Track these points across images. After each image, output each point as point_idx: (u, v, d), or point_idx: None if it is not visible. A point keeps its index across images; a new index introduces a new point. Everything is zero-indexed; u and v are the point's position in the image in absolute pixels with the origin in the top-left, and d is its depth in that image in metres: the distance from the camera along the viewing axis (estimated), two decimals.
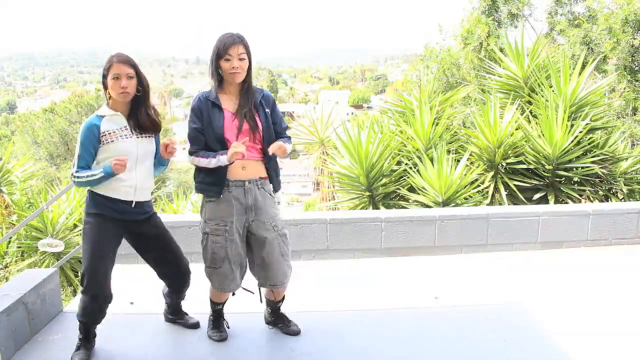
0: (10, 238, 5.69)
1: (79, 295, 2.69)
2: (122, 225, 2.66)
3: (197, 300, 3.32)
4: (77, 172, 2.55)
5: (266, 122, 2.66)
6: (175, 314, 3.08)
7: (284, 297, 2.93)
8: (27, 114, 30.69)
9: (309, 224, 4.25)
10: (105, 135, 2.57)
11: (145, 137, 2.67)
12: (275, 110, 2.75)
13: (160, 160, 2.76)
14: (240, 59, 2.56)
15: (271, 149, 2.59)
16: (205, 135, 2.60)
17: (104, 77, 2.57)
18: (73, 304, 3.54)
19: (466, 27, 12.01)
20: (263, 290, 2.89)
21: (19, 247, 5.83)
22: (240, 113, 2.60)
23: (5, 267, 5.76)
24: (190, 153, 2.64)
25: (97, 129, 2.56)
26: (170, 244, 2.81)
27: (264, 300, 2.94)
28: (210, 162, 2.57)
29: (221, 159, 2.55)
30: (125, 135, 2.60)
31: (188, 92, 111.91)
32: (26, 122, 28.27)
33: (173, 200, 6.56)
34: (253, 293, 2.88)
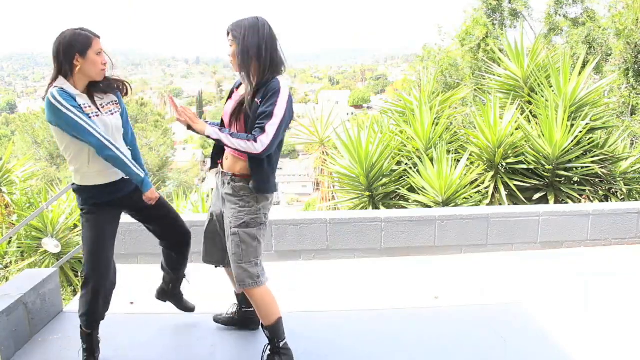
0: (10, 238, 5.69)
1: (79, 295, 2.67)
2: (117, 203, 2.62)
3: (199, 300, 3.34)
4: (116, 147, 2.42)
5: (253, 116, 2.43)
6: (173, 292, 3.04)
7: (273, 327, 2.58)
8: (27, 114, 30.71)
9: (309, 224, 4.25)
10: (84, 107, 2.43)
11: (110, 113, 2.54)
12: (266, 101, 2.39)
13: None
14: (230, 46, 2.45)
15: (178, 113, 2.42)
16: None
17: (80, 53, 2.38)
18: (73, 304, 3.53)
19: (464, 29, 12.04)
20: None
21: (19, 247, 5.83)
22: (238, 103, 2.49)
23: (5, 267, 5.76)
24: None
25: (73, 99, 2.40)
26: (165, 206, 2.80)
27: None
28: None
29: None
30: (96, 113, 2.47)
31: (188, 92, 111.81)
32: (26, 122, 28.29)
33: (173, 200, 6.56)
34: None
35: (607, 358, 2.74)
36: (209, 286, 3.47)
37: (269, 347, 2.60)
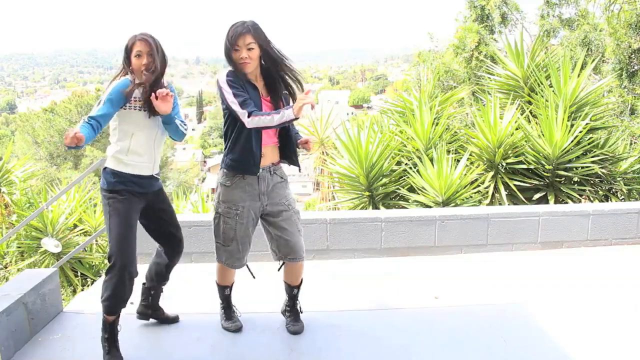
0: (10, 238, 5.69)
1: (102, 281, 2.64)
2: (143, 198, 2.72)
3: (199, 300, 3.34)
4: (88, 117, 2.48)
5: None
6: (154, 306, 3.07)
7: (301, 283, 2.98)
8: (27, 114, 30.73)
9: (309, 224, 4.24)
10: (135, 100, 2.57)
11: (159, 115, 2.64)
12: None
13: (163, 119, 2.66)
14: (249, 49, 2.56)
15: (302, 142, 2.84)
16: None
17: (127, 55, 2.59)
18: (73, 304, 3.54)
19: (458, 35, 12.06)
20: (281, 273, 2.98)
21: (19, 247, 5.82)
22: (275, 93, 2.71)
23: (5, 267, 5.76)
24: (249, 114, 2.52)
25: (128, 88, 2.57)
26: (172, 216, 2.92)
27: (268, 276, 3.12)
28: (274, 119, 2.53)
29: (286, 113, 2.52)
30: (141, 107, 2.60)
31: (188, 92, 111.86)
32: (26, 122, 28.32)
33: (173, 200, 6.56)
34: (254, 277, 2.98)
35: (607, 358, 2.74)
36: (209, 286, 3.47)
37: (291, 302, 3.00)
